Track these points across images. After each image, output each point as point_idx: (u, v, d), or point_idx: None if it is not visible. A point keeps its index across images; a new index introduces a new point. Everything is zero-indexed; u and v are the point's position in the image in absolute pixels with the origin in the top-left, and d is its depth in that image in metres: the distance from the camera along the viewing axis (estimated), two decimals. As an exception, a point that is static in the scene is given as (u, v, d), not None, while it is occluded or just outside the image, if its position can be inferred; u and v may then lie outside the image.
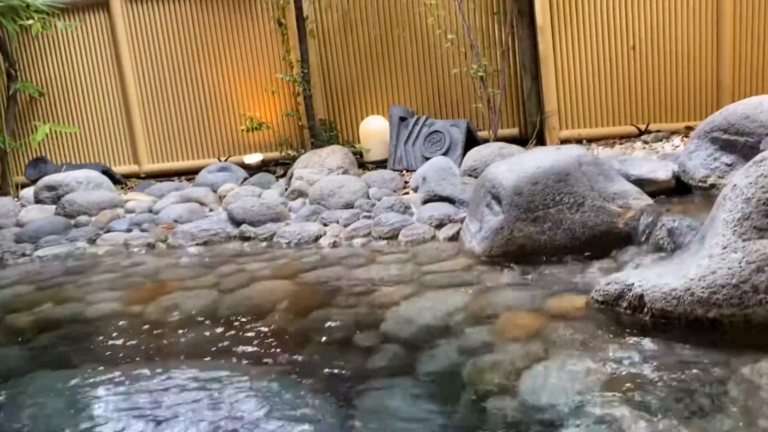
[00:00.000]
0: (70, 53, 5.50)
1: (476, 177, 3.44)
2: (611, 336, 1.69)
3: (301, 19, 4.91)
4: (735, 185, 1.74)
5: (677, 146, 4.14)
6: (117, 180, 5.20)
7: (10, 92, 5.25)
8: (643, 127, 4.85)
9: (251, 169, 5.10)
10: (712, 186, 2.54)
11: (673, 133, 4.68)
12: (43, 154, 5.48)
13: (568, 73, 4.88)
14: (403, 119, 4.76)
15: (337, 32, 5.20)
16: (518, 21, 4.84)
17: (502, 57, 4.83)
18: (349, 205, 3.55)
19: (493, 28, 4.97)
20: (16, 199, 4.79)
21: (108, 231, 3.76)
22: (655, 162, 2.87)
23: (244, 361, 1.83)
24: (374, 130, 4.96)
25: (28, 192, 4.60)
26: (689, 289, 1.65)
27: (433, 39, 5.02)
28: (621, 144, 4.63)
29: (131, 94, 5.46)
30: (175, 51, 5.40)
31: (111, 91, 5.52)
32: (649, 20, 4.78)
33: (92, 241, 3.65)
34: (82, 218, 3.97)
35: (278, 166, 5.18)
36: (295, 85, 5.01)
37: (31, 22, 4.91)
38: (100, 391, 1.73)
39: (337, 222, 3.33)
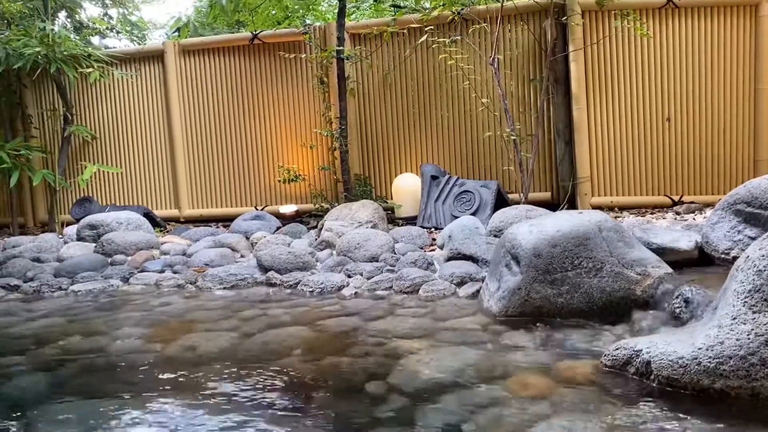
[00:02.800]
0: (123, 100, 5.82)
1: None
2: (617, 401, 1.68)
3: (342, 78, 5.11)
4: (748, 257, 1.75)
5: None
6: (157, 223, 5.38)
7: (65, 134, 5.55)
8: (676, 198, 4.82)
9: (286, 219, 5.23)
10: (735, 258, 2.52)
11: (707, 205, 4.65)
12: (90, 195, 5.73)
13: (601, 140, 4.93)
14: (434, 178, 4.85)
15: (376, 92, 5.38)
16: (554, 88, 4.94)
17: (536, 122, 4.91)
18: (374, 258, 3.61)
19: (527, 93, 5.08)
20: (60, 236, 5.00)
21: (142, 271, 3.89)
22: (677, 232, 2.86)
23: (253, 403, 1.87)
24: (406, 187, 5.06)
25: (72, 230, 4.81)
26: (696, 358, 1.64)
27: (467, 101, 5.15)
28: (653, 214, 4.61)
29: (177, 141, 5.71)
30: (221, 102, 5.66)
31: (159, 137, 5.78)
32: (684, 92, 4.83)
33: (126, 280, 3.78)
34: (119, 257, 4.13)
35: (311, 218, 5.30)
36: (333, 140, 5.17)
37: (90, 70, 5.22)
38: (113, 422, 1.79)
39: (361, 274, 3.38)
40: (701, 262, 2.69)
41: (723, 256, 2.58)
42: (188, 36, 7.31)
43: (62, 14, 6.52)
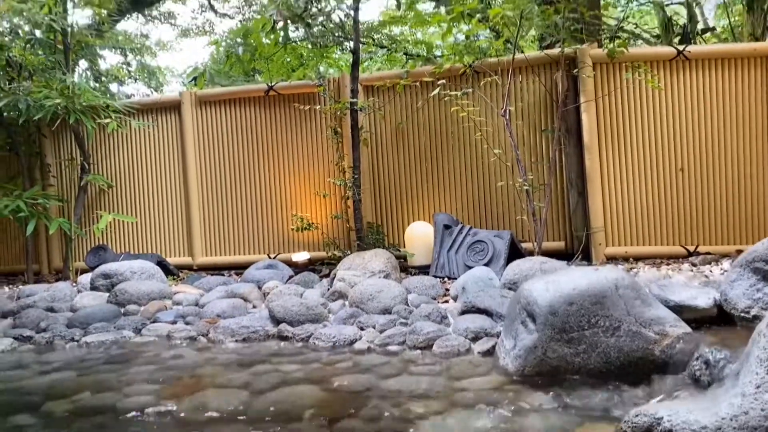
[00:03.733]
0: (139, 149, 5.91)
1: (516, 290, 3.44)
2: (638, 472, 1.64)
3: (355, 128, 5.17)
4: (769, 322, 1.71)
5: (726, 271, 4.04)
6: (170, 271, 5.39)
7: (82, 183, 5.62)
8: (691, 248, 4.78)
9: (298, 267, 5.23)
10: (755, 318, 2.48)
11: (724, 256, 4.60)
12: (105, 243, 5.77)
13: (615, 190, 4.92)
14: (447, 227, 4.85)
15: (389, 141, 5.43)
16: (565, 138, 4.96)
17: (549, 172, 4.92)
18: (386, 311, 3.58)
19: (539, 143, 5.11)
20: (73, 284, 5.02)
21: (154, 321, 3.88)
22: (695, 288, 2.82)
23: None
24: (419, 235, 5.05)
25: (86, 278, 4.82)
26: (720, 429, 1.59)
27: (480, 151, 5.18)
28: (668, 265, 4.56)
29: (192, 189, 5.76)
30: (236, 151, 5.73)
31: (174, 186, 5.85)
32: (697, 143, 4.83)
33: (138, 331, 3.77)
34: (132, 307, 4.12)
35: (324, 266, 5.29)
36: (346, 189, 5.20)
37: (108, 121, 5.32)
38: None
39: (374, 327, 3.35)
40: (720, 320, 2.64)
41: (743, 314, 2.53)
42: (205, 85, 7.45)
43: (82, 62, 6.67)
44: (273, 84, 5.69)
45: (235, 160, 5.74)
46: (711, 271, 4.09)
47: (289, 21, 5.46)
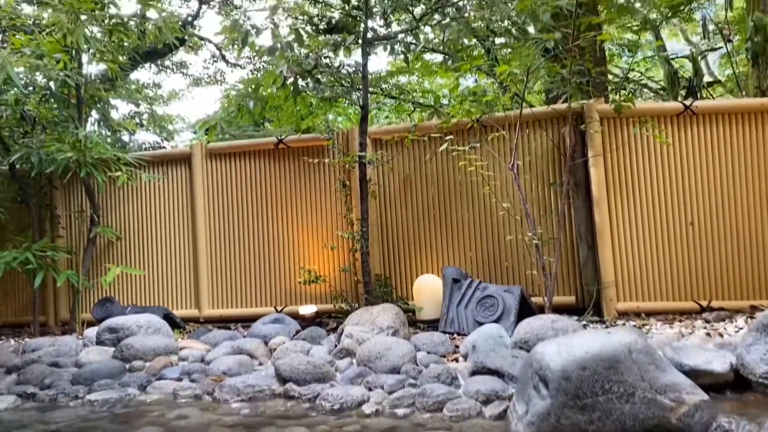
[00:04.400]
0: (149, 201, 5.94)
1: (527, 350, 3.39)
2: None
3: (364, 181, 5.19)
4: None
5: (741, 328, 3.98)
6: (177, 324, 5.35)
7: (91, 235, 5.64)
8: (704, 303, 4.71)
9: (305, 321, 5.17)
10: (774, 384, 2.42)
11: (737, 311, 4.53)
12: (111, 295, 5.76)
13: (625, 244, 4.89)
14: (456, 281, 4.81)
15: (397, 193, 5.44)
16: (574, 192, 4.96)
17: (558, 225, 4.89)
18: (395, 370, 3.52)
19: (548, 197, 5.10)
20: (80, 337, 4.99)
21: (159, 378, 3.83)
22: (711, 352, 2.77)
23: None
24: (427, 288, 5.01)
25: (92, 332, 4.79)
26: None
27: (488, 204, 5.18)
28: (681, 321, 4.49)
29: (201, 241, 5.77)
30: (245, 204, 5.76)
31: (182, 238, 5.86)
32: (707, 196, 4.82)
33: (143, 388, 3.71)
34: (137, 363, 4.08)
35: (331, 319, 5.24)
36: (354, 242, 5.19)
37: (119, 174, 5.37)
38: None
39: (382, 388, 3.29)
40: (738, 385, 2.58)
41: (761, 380, 2.47)
42: (216, 136, 7.54)
43: (94, 112, 6.76)
44: (283, 137, 5.75)
45: (244, 212, 5.76)
46: (725, 329, 4.02)
47: (299, 76, 5.55)
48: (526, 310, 4.41)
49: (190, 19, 14.14)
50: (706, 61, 9.29)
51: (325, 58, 5.62)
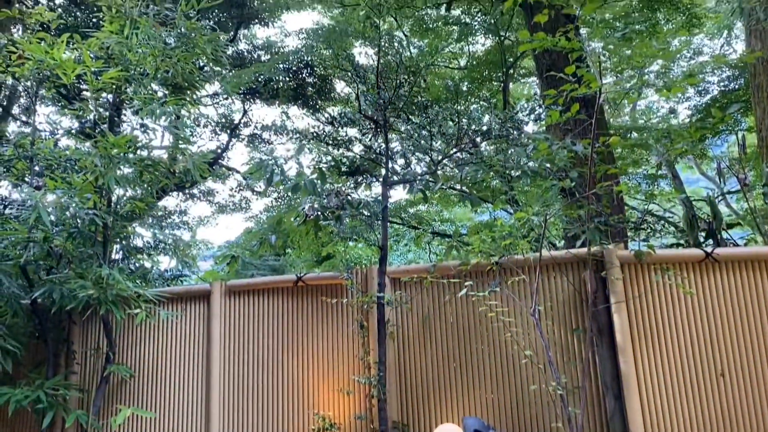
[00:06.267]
0: (165, 338, 5.90)
1: None
2: None
3: (382, 323, 5.13)
4: None
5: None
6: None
7: (105, 373, 5.56)
8: (743, 463, 4.42)
9: (318, 471, 4.93)
10: None
11: (779, 473, 4.23)
12: (120, 436, 5.59)
13: (653, 395, 4.68)
14: (477, 433, 4.59)
15: (416, 336, 5.35)
16: (598, 339, 4.83)
17: (582, 374, 4.73)
18: None
19: (571, 343, 4.97)
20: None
21: None
22: None
23: None
24: (447, 440, 4.78)
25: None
26: None
27: (510, 351, 5.05)
28: (719, 484, 4.19)
29: (214, 381, 5.64)
30: (261, 343, 5.68)
31: (196, 376, 5.74)
32: (736, 347, 4.67)
33: None
34: None
35: (346, 470, 4.99)
36: (371, 387, 5.04)
37: (138, 311, 5.37)
38: None
39: None
40: None
41: None
42: (237, 270, 7.62)
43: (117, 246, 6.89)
44: (302, 275, 5.77)
45: (260, 352, 5.67)
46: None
47: (320, 214, 5.67)
48: (551, 468, 4.16)
49: (219, 151, 14.81)
50: (724, 198, 9.37)
51: (346, 196, 5.76)
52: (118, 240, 6.04)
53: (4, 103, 11.72)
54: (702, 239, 6.23)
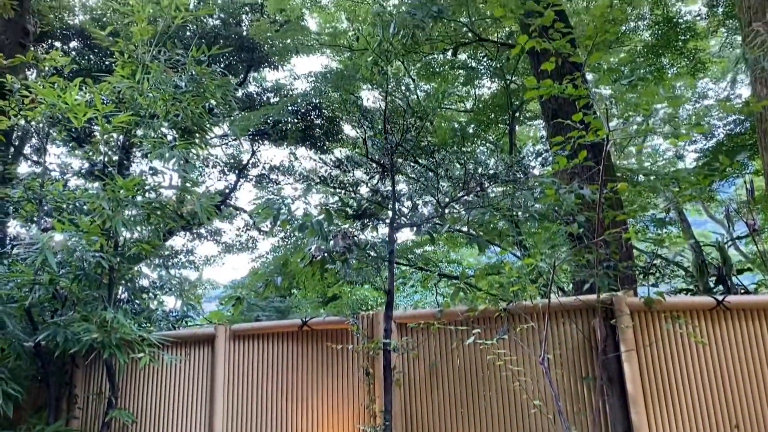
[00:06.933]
0: (168, 382, 5.82)
1: None
2: None
3: (388, 369, 5.04)
4: None
5: None
6: None
7: (106, 419, 5.47)
8: None
9: None
10: None
11: None
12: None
13: (666, 447, 4.57)
14: (485, 486, 4.47)
15: (423, 382, 5.26)
16: (608, 388, 4.73)
17: (593, 424, 4.62)
18: None
19: (581, 392, 4.87)
20: None
21: None
22: None
23: None
24: (455, 492, 4.65)
25: None
26: None
27: (518, 399, 4.95)
28: None
29: (217, 428, 5.54)
30: (265, 387, 5.59)
31: (199, 423, 5.65)
32: (751, 397, 4.56)
33: None
34: None
35: None
36: (376, 436, 4.94)
37: (141, 355, 5.32)
38: None
39: None
40: None
41: None
42: (242, 311, 7.56)
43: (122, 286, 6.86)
44: (307, 319, 5.72)
45: (264, 398, 5.57)
46: None
47: (326, 256, 5.64)
48: None
49: (227, 191, 14.90)
50: (734, 243, 9.31)
51: (353, 238, 5.74)
52: (124, 282, 6.03)
53: (16, 143, 11.87)
54: (712, 285, 6.16)
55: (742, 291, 6.26)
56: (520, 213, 6.49)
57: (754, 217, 6.40)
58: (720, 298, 4.76)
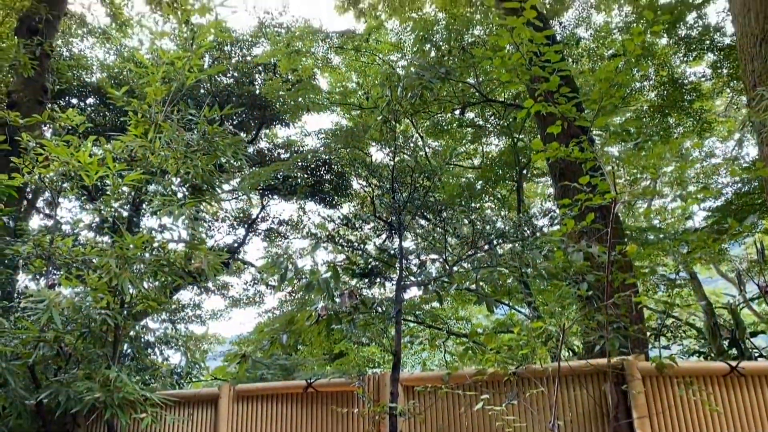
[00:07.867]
0: (170, 444, 5.71)
1: None
2: None
3: (394, 433, 4.93)
4: None
5: None
6: None
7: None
8: None
9: None
10: None
11: None
12: None
13: None
14: None
15: (430, 448, 5.12)
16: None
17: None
18: None
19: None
20: None
21: None
22: None
23: None
24: None
25: None
26: None
27: (528, 467, 4.80)
28: None
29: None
30: (268, 451, 5.47)
31: (199, 486, 5.51)
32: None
33: None
34: None
35: None
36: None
37: (144, 416, 5.22)
38: None
39: None
40: None
41: None
42: (246, 369, 7.45)
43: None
44: (312, 380, 5.63)
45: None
46: None
47: (333, 314, 5.60)
48: None
49: (236, 245, 14.93)
50: (747, 304, 9.18)
51: (359, 296, 5.71)
52: (129, 339, 5.98)
53: (29, 197, 12.02)
54: (725, 348, 6.04)
55: (757, 354, 6.13)
56: (529, 271, 6.45)
57: (766, 279, 6.32)
58: (734, 363, 4.66)
